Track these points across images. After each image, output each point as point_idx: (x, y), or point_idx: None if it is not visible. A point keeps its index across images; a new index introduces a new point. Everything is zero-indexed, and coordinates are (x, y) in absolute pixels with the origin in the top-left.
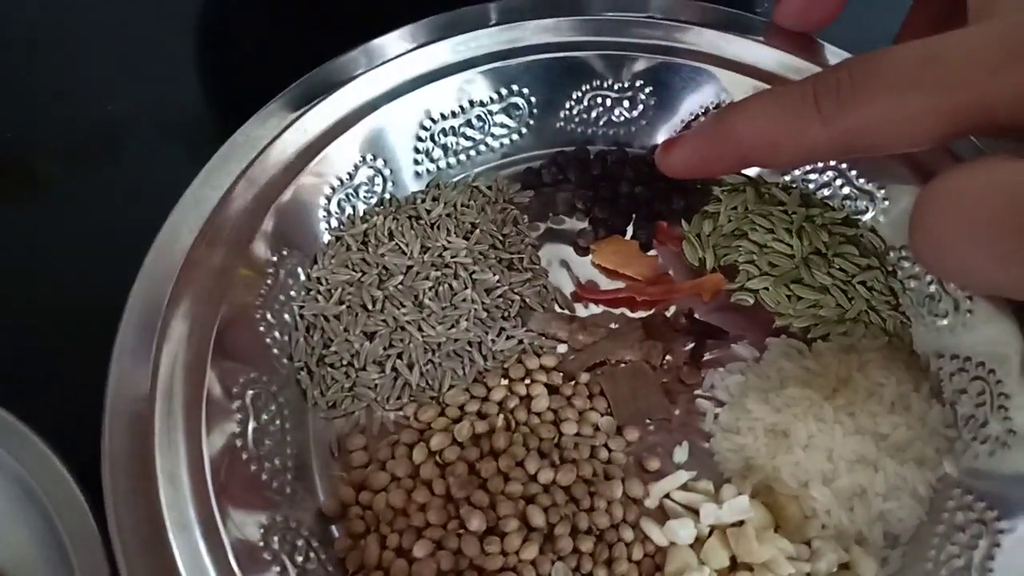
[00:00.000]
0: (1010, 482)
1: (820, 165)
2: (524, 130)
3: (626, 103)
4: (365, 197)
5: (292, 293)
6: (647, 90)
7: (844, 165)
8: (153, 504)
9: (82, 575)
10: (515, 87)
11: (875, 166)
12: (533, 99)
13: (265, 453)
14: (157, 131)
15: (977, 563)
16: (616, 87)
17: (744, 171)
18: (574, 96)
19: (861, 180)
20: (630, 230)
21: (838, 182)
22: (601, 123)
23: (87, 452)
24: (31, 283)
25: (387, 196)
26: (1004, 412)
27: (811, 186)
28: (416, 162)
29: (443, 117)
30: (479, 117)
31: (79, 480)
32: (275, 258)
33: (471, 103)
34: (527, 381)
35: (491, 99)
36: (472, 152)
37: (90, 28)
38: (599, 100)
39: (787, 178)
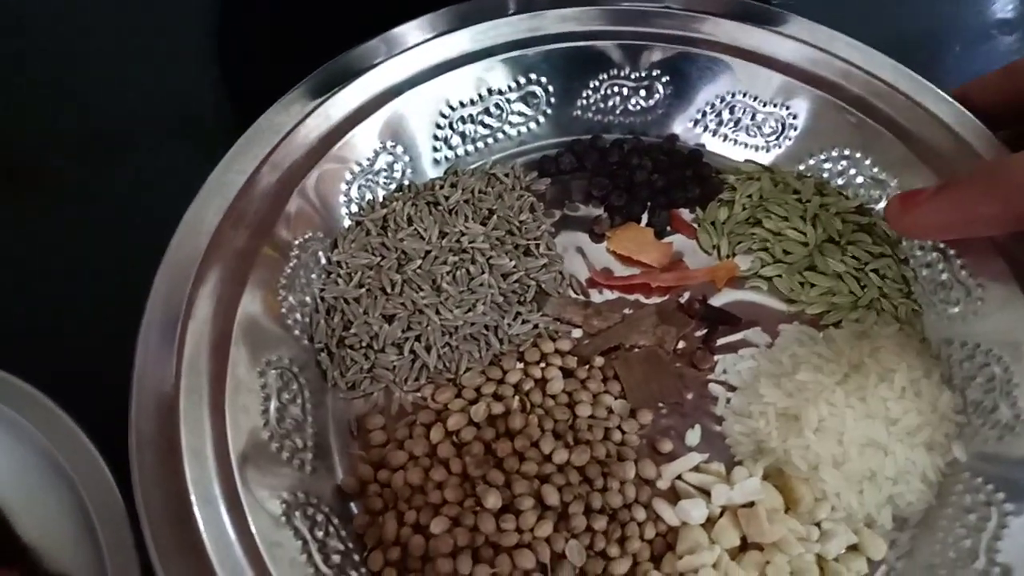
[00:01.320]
0: (1018, 466)
1: (835, 153)
2: (541, 118)
3: (643, 92)
4: (385, 183)
5: (313, 276)
6: (664, 79)
7: (859, 154)
8: (179, 479)
9: (108, 549)
10: (533, 76)
11: (888, 156)
12: (551, 88)
13: (286, 431)
14: (175, 122)
15: (984, 545)
16: (633, 76)
17: (759, 160)
18: (591, 85)
19: (875, 169)
20: (645, 217)
21: (852, 171)
22: (618, 112)
23: (114, 430)
24: (57, 270)
25: (406, 182)
26: (1012, 398)
27: (825, 175)
28: (435, 149)
29: (462, 105)
30: (497, 105)
31: (106, 457)
32: (297, 241)
33: (489, 91)
34: (542, 364)
35: (509, 87)
36: (490, 140)
37: (103, 24)
38: (616, 89)
39: (802, 167)
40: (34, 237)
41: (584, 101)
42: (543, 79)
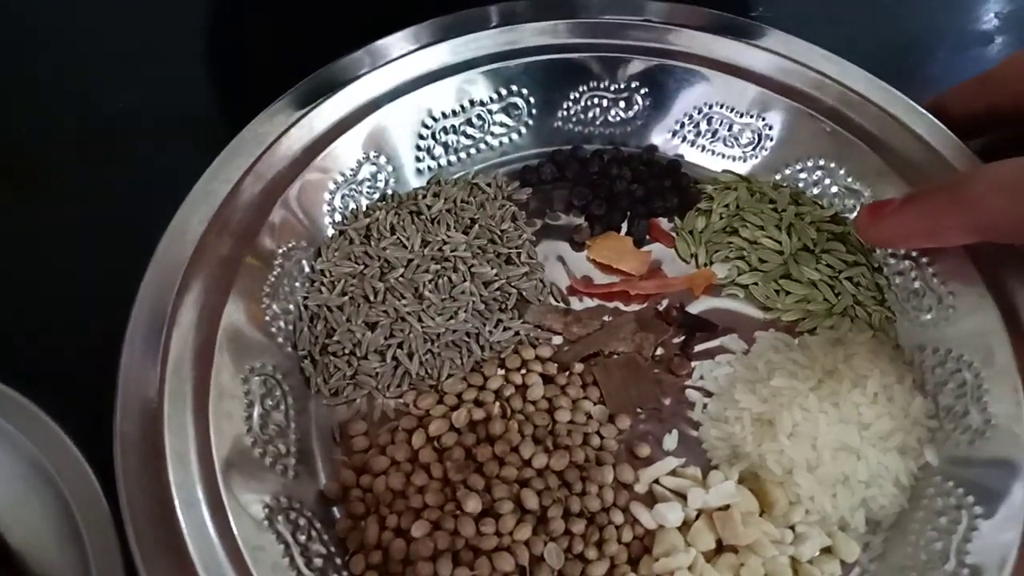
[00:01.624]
0: (988, 469)
1: (810, 164)
2: (523, 129)
3: (622, 103)
4: (368, 192)
5: (297, 284)
6: (642, 91)
7: (833, 164)
8: (162, 483)
9: (93, 551)
10: (514, 87)
11: (862, 166)
12: (532, 99)
13: (269, 437)
14: (167, 128)
15: (955, 547)
16: (612, 88)
17: (736, 171)
18: (572, 96)
19: (849, 179)
20: (625, 226)
21: (827, 181)
22: (598, 123)
23: (100, 435)
24: (46, 275)
25: (389, 192)
26: (983, 403)
27: (801, 185)
28: (418, 159)
29: (444, 116)
30: (479, 116)
31: (91, 461)
32: (281, 250)
33: (471, 103)
34: (523, 371)
35: (491, 99)
36: (472, 150)
37: (101, 26)
38: (596, 100)
39: (778, 177)
40: (30, 237)
41: (565, 112)
42: (524, 91)
